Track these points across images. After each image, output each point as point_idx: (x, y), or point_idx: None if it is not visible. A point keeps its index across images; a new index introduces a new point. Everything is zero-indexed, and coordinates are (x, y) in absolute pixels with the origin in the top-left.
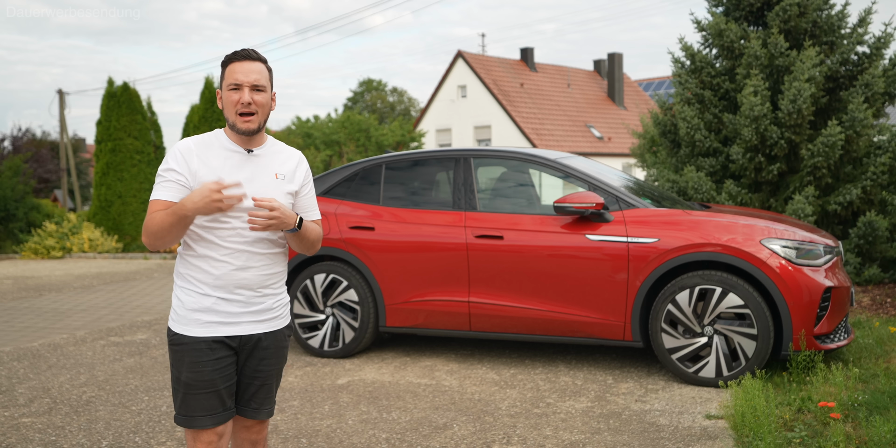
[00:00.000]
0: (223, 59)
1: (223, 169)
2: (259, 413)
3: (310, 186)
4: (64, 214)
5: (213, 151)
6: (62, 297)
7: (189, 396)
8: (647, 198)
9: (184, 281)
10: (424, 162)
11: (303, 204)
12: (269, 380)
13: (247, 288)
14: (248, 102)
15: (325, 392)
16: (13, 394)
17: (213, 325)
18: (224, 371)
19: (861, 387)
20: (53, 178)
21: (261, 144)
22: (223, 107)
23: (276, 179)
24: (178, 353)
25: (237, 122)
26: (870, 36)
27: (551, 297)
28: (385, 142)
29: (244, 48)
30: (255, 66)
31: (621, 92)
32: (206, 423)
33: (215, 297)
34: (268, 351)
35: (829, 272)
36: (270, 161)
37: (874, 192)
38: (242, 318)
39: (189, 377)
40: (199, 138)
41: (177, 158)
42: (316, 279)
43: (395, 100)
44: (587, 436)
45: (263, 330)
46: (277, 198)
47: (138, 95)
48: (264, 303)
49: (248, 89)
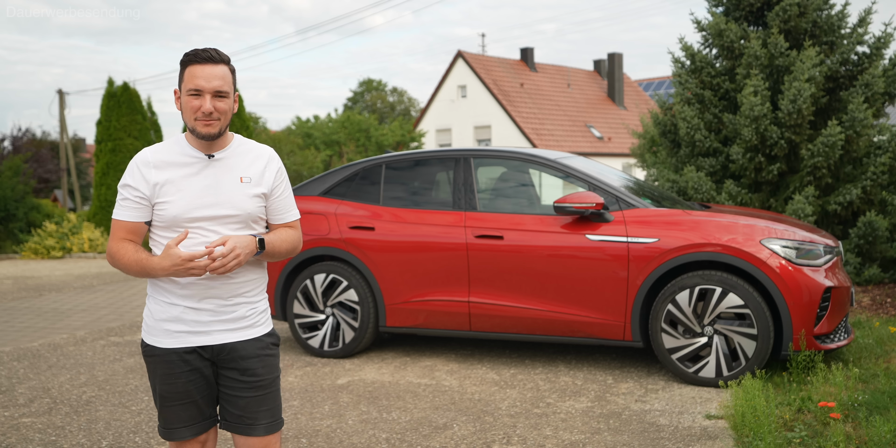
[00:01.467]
0: (182, 58)
1: (183, 178)
2: (254, 429)
3: (283, 186)
4: (64, 214)
5: (172, 158)
6: (62, 297)
7: (165, 409)
8: (647, 198)
9: (154, 290)
10: (424, 162)
11: (276, 206)
12: (261, 392)
13: (216, 297)
14: (209, 111)
15: (325, 392)
16: (13, 394)
17: (182, 334)
18: (198, 382)
19: (861, 387)
20: (53, 178)
21: (223, 147)
22: (181, 109)
23: (241, 183)
24: (151, 365)
25: (197, 127)
26: (870, 36)
27: (551, 297)
28: (385, 142)
29: (206, 48)
30: (217, 71)
31: (621, 92)
32: (185, 435)
33: (183, 306)
34: (250, 361)
35: (829, 272)
36: (236, 164)
37: (874, 192)
38: (213, 326)
39: (164, 389)
40: (157, 147)
41: (133, 174)
42: (316, 279)
43: (395, 100)
44: (587, 436)
45: (237, 339)
46: (243, 202)
47: (138, 95)
48: (236, 311)
49: (210, 96)
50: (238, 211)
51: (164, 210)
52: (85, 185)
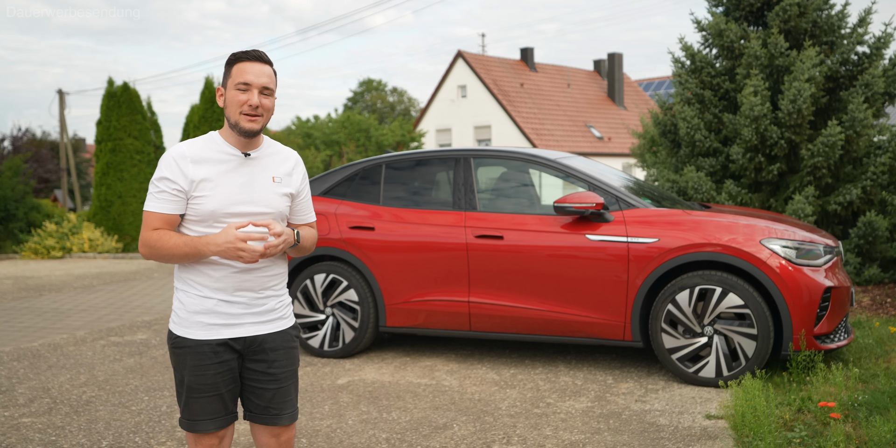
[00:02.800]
0: (230, 57)
1: (220, 174)
2: (280, 418)
3: (307, 189)
4: (64, 214)
5: (209, 155)
6: (62, 297)
7: (192, 400)
8: (647, 198)
9: (184, 284)
10: (424, 162)
11: (300, 207)
12: (285, 383)
13: (248, 290)
14: (256, 105)
15: (325, 392)
16: (13, 394)
17: (215, 327)
18: (227, 375)
19: (861, 387)
20: (53, 178)
21: (257, 147)
22: (225, 105)
23: (273, 183)
24: (181, 357)
25: (241, 121)
26: (870, 36)
27: (551, 297)
28: (385, 142)
29: (255, 49)
30: (265, 69)
31: (621, 92)
32: (208, 428)
33: (216, 299)
34: (277, 353)
35: (829, 272)
36: (268, 163)
37: (874, 192)
38: (245, 319)
39: (192, 381)
40: (193, 143)
41: (170, 167)
42: (316, 279)
43: (395, 100)
44: (587, 436)
45: (267, 331)
46: (275, 201)
47: (138, 95)
48: (266, 304)
49: (258, 91)
50: (271, 209)
51: (201, 204)
52: (85, 185)
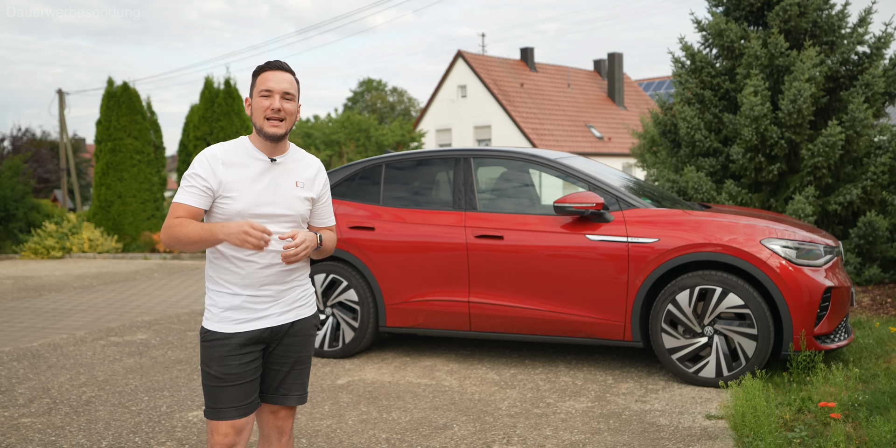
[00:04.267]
0: (255, 69)
1: (248, 177)
2: (288, 398)
3: (328, 194)
4: (64, 214)
5: (239, 159)
6: (62, 297)
7: (217, 389)
8: (647, 198)
9: (215, 284)
10: (424, 162)
11: (320, 211)
12: (299, 365)
13: (273, 283)
14: (278, 108)
15: (325, 392)
16: (13, 394)
17: (245, 321)
18: (251, 365)
19: (861, 387)
20: (53, 178)
21: (283, 152)
22: (252, 113)
23: (296, 187)
24: (209, 349)
25: (265, 126)
26: (870, 36)
27: (551, 297)
28: (385, 142)
29: (277, 59)
30: (286, 77)
31: (621, 92)
32: (232, 415)
33: (245, 295)
34: (296, 337)
35: (830, 272)
36: (292, 168)
37: (874, 192)
38: (272, 310)
39: (219, 371)
40: (225, 146)
41: (203, 165)
42: (316, 279)
43: (395, 100)
44: (587, 436)
45: (293, 318)
46: (296, 204)
47: (138, 95)
48: (291, 294)
49: (279, 96)
50: (292, 211)
51: (227, 205)
52: (85, 185)
